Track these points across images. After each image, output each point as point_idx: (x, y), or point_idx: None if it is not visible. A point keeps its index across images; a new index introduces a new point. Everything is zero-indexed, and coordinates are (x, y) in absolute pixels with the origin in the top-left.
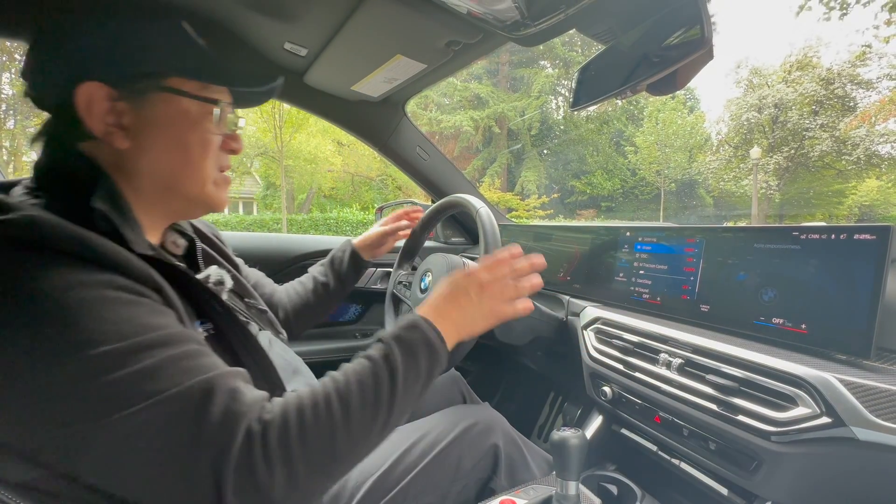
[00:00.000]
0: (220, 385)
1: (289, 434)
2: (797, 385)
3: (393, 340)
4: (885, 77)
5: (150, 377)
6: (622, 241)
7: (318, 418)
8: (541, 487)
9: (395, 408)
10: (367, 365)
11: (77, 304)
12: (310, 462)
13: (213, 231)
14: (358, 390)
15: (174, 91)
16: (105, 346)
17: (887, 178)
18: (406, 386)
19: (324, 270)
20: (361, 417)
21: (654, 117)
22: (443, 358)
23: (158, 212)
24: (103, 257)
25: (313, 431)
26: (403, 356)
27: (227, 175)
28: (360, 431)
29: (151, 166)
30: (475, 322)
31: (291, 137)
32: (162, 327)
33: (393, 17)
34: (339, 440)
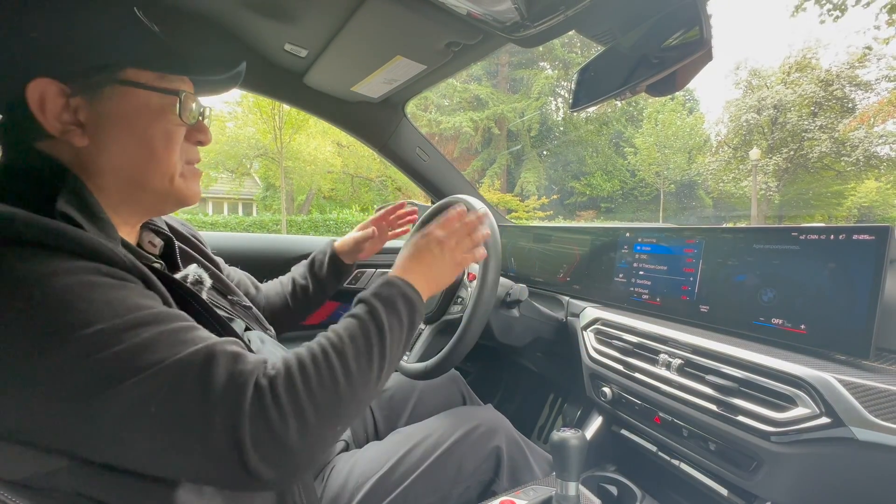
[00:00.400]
0: (220, 350)
1: (294, 384)
2: (796, 385)
3: (373, 297)
4: (883, 79)
5: (149, 349)
6: (622, 241)
7: (318, 368)
8: (541, 488)
9: (386, 355)
10: (354, 322)
11: (64, 288)
12: (318, 407)
13: (191, 230)
14: (351, 343)
15: (130, 83)
16: (99, 325)
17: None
18: (392, 335)
19: (304, 272)
20: (358, 365)
21: (654, 118)
22: (420, 307)
23: (128, 209)
24: (82, 247)
25: (316, 380)
26: (385, 309)
27: (197, 168)
28: (358, 378)
29: (113, 163)
30: (442, 274)
31: (291, 139)
32: (151, 307)
33: (393, 18)
34: (341, 386)
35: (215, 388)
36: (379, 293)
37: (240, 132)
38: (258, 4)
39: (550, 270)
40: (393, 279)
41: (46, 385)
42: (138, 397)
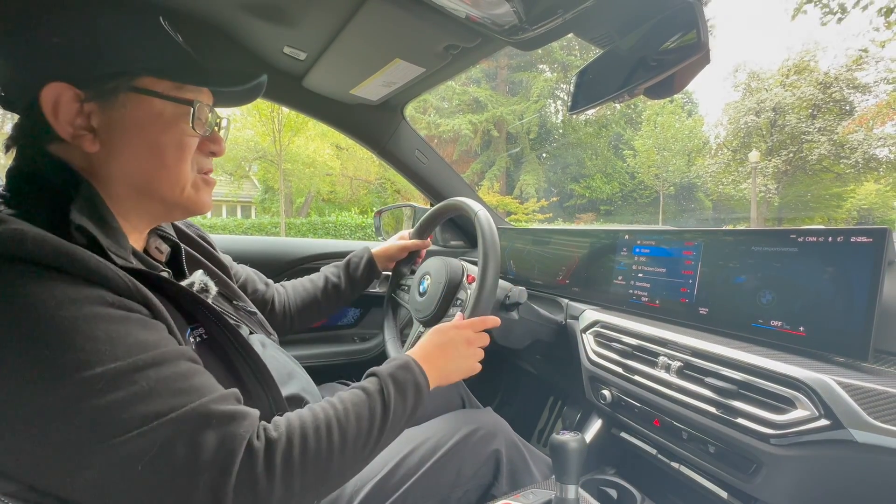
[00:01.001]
0: (216, 409)
1: (292, 453)
2: (795, 387)
3: (389, 378)
4: (882, 81)
5: (145, 400)
6: (621, 244)
7: (319, 442)
8: (540, 491)
9: (382, 438)
10: (364, 398)
11: (70, 322)
12: (306, 480)
13: (198, 232)
14: (355, 420)
15: (145, 91)
16: (99, 368)
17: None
18: (394, 420)
19: (337, 272)
20: (355, 444)
21: (653, 121)
22: (426, 398)
23: (137, 216)
24: (90, 272)
25: (314, 453)
26: (396, 393)
27: (210, 177)
28: (352, 457)
29: (124, 170)
30: (456, 372)
31: (290, 141)
32: (154, 345)
33: (391, 21)
34: (334, 463)
35: (206, 451)
36: (395, 375)
37: (238, 135)
38: (257, 7)
39: (549, 273)
40: (411, 364)
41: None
42: (127, 454)
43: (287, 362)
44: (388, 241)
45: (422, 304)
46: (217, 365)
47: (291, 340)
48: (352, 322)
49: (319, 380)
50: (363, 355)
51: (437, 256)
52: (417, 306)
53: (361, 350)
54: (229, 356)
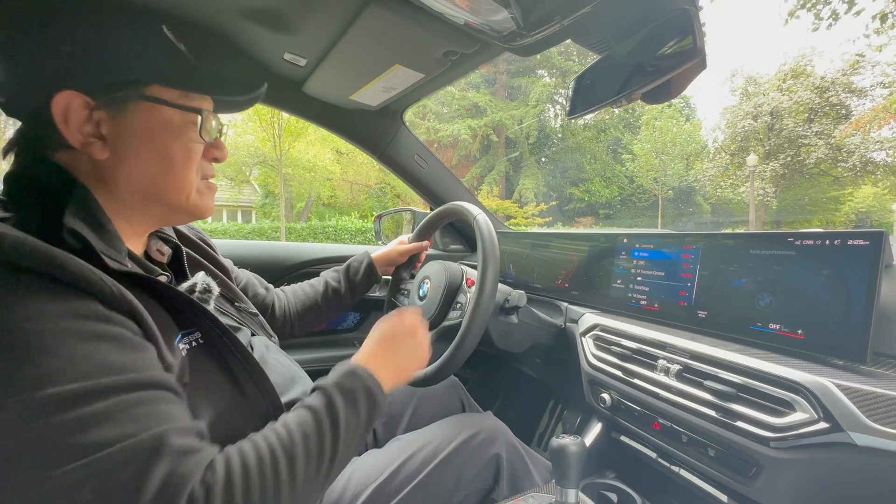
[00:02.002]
0: (170, 442)
1: (234, 495)
2: (794, 390)
3: (334, 388)
4: (878, 85)
5: (97, 426)
6: (620, 247)
7: (263, 475)
8: (540, 495)
9: (337, 457)
10: (309, 416)
11: (35, 336)
12: None
13: (199, 234)
14: (302, 443)
15: (155, 100)
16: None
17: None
18: (347, 434)
19: (337, 277)
20: (306, 470)
21: (651, 125)
22: (382, 403)
23: (141, 220)
24: (71, 276)
25: (259, 490)
26: (345, 404)
27: (212, 183)
28: (304, 484)
29: (132, 177)
30: (409, 365)
31: (290, 146)
32: (122, 369)
33: (391, 27)
34: (283, 495)
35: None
36: (340, 383)
37: (239, 140)
38: (258, 14)
39: (549, 276)
40: (357, 370)
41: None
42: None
43: (290, 366)
44: (388, 246)
45: (422, 308)
46: (214, 370)
47: (292, 345)
48: (352, 326)
49: None
50: None
51: (437, 260)
52: None
53: None
54: (227, 361)
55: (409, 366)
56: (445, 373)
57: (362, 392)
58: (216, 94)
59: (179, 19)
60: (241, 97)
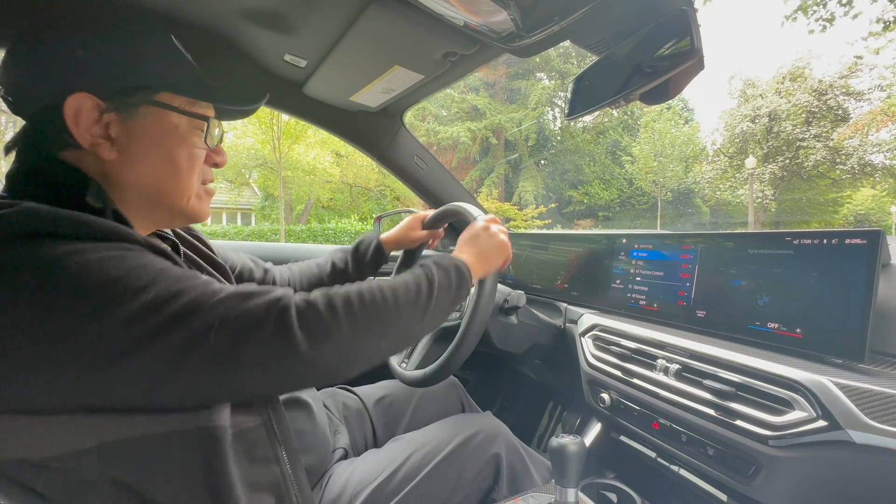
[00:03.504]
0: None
1: (350, 297)
2: (793, 389)
3: (430, 261)
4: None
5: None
6: (619, 248)
7: (372, 293)
8: (540, 495)
9: (431, 304)
10: (409, 275)
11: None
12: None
13: (196, 234)
14: (403, 286)
15: (164, 106)
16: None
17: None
18: (440, 293)
19: (344, 257)
20: (406, 300)
21: (650, 128)
22: (468, 280)
23: (141, 221)
24: (109, 232)
25: (370, 299)
26: (439, 272)
27: (210, 188)
28: (406, 312)
29: (138, 179)
30: (490, 253)
31: (290, 148)
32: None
33: (391, 28)
34: (389, 311)
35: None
36: (436, 259)
37: (239, 142)
38: (258, 15)
39: (548, 277)
40: (448, 255)
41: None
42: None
43: None
44: (399, 227)
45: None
46: None
47: None
48: None
49: None
50: None
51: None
52: None
53: None
54: None
55: (493, 254)
56: (445, 373)
57: (453, 266)
58: (220, 103)
59: (180, 21)
60: (245, 107)
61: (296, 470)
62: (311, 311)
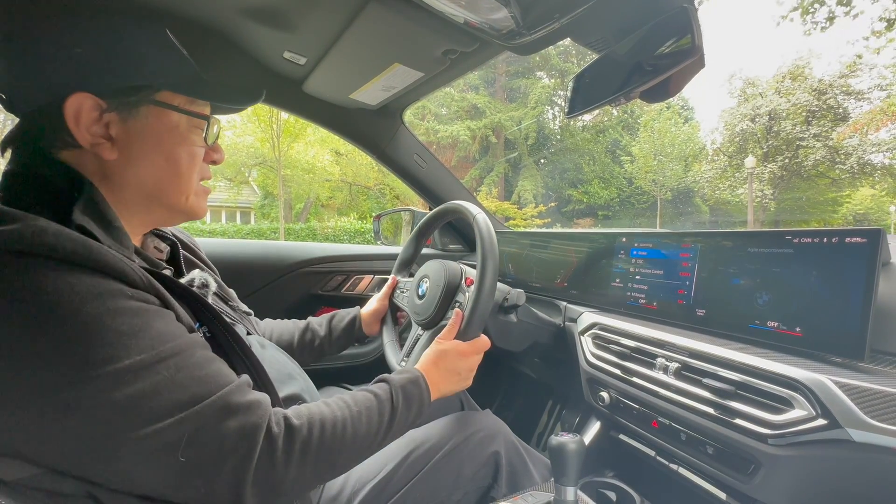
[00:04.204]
0: (234, 401)
1: (310, 442)
2: (793, 387)
3: (400, 389)
4: (875, 87)
5: (171, 390)
6: (618, 247)
7: (334, 435)
8: (539, 494)
9: (385, 440)
10: (375, 402)
11: (95, 317)
12: (317, 467)
13: (188, 237)
14: (366, 421)
15: (165, 105)
16: (126, 361)
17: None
18: (398, 425)
19: (321, 321)
20: (362, 442)
21: (650, 127)
22: (426, 410)
23: (139, 220)
24: (107, 266)
25: (329, 444)
26: (404, 403)
27: (206, 185)
28: (356, 453)
29: (139, 178)
30: (453, 383)
31: (289, 147)
32: (171, 336)
33: (391, 26)
34: (343, 455)
35: (229, 440)
36: (405, 388)
37: (238, 141)
38: (257, 12)
39: (548, 276)
40: (419, 380)
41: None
42: (155, 445)
43: (287, 363)
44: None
45: (420, 307)
46: None
47: None
48: None
49: (319, 382)
50: (362, 359)
51: (436, 259)
52: (416, 309)
53: (360, 354)
54: (229, 356)
55: (454, 383)
56: None
57: (417, 400)
58: (218, 101)
59: (179, 17)
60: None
61: None
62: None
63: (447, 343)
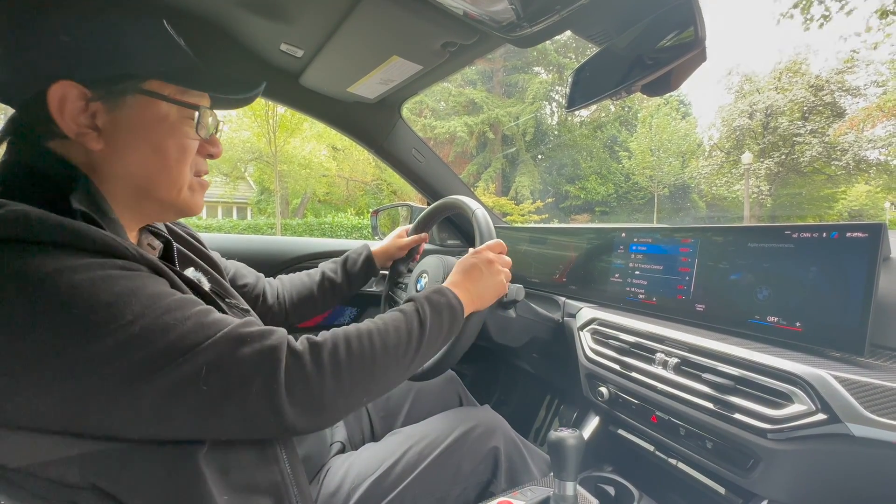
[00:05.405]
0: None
1: (338, 351)
2: (792, 382)
3: (423, 299)
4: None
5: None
6: (617, 242)
7: (361, 344)
8: (538, 489)
9: (420, 350)
10: (400, 315)
11: (89, 283)
12: (354, 376)
13: (187, 230)
14: (394, 331)
15: (152, 94)
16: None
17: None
18: (430, 336)
19: (335, 268)
20: (396, 351)
21: (648, 122)
22: (460, 318)
23: (130, 215)
24: (95, 243)
25: (358, 353)
26: (431, 312)
27: (204, 179)
28: (394, 361)
29: (125, 170)
30: (487, 290)
31: (286, 142)
32: (169, 293)
33: (389, 18)
34: (378, 363)
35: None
36: (429, 297)
37: (234, 136)
38: (254, 4)
39: (547, 271)
40: (444, 289)
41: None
42: (175, 382)
43: None
44: (387, 240)
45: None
46: None
47: None
48: (349, 321)
49: None
50: None
51: (435, 255)
52: None
53: None
54: None
55: (488, 291)
56: (443, 367)
57: (446, 307)
58: (215, 92)
59: (173, 8)
60: (240, 96)
61: (294, 468)
62: (299, 371)
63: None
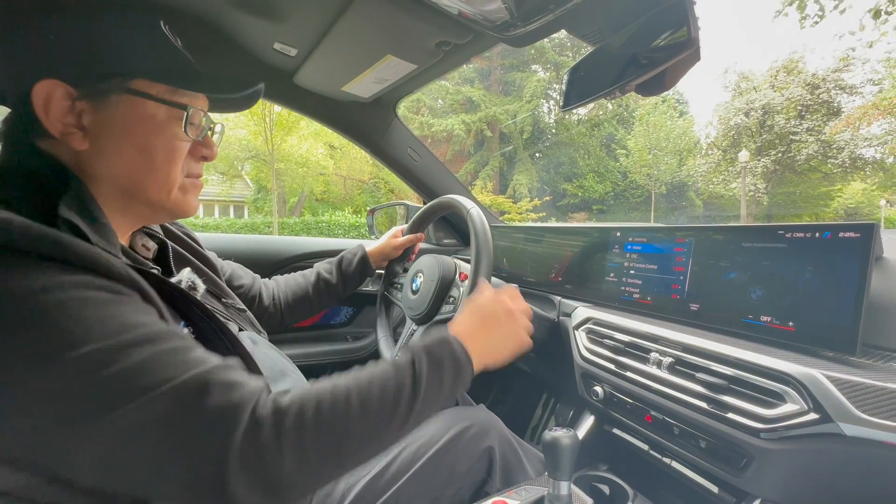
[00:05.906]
0: (215, 378)
1: (304, 421)
2: (785, 382)
3: (422, 351)
4: (868, 82)
5: (141, 373)
6: (612, 241)
7: (335, 411)
8: (533, 488)
9: (412, 415)
10: (391, 370)
11: (57, 305)
12: (321, 451)
13: (183, 229)
14: (379, 392)
15: (139, 94)
16: (91, 345)
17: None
18: (427, 396)
19: (330, 268)
20: (378, 417)
21: (645, 121)
22: (468, 377)
23: (121, 217)
24: (79, 258)
25: (329, 422)
26: (429, 367)
27: (198, 181)
28: (374, 430)
29: (112, 170)
30: (502, 347)
31: (282, 140)
32: (145, 324)
33: (383, 17)
34: (352, 434)
35: (206, 420)
36: (429, 348)
37: (231, 134)
38: (246, 3)
39: (542, 270)
40: (449, 339)
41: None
42: (126, 427)
43: (279, 359)
44: (382, 239)
45: (414, 302)
46: None
47: (283, 339)
48: (344, 321)
49: (311, 378)
50: (356, 354)
51: (430, 254)
52: (410, 304)
53: (354, 349)
54: (219, 353)
55: (505, 348)
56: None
57: (449, 359)
58: (204, 91)
59: (164, 7)
60: (233, 95)
61: None
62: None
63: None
